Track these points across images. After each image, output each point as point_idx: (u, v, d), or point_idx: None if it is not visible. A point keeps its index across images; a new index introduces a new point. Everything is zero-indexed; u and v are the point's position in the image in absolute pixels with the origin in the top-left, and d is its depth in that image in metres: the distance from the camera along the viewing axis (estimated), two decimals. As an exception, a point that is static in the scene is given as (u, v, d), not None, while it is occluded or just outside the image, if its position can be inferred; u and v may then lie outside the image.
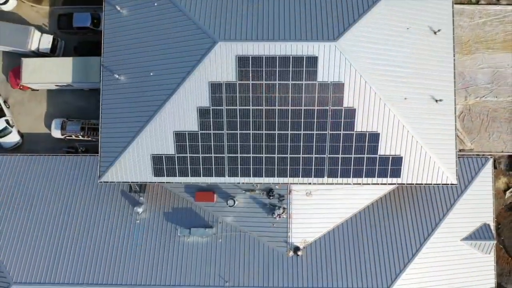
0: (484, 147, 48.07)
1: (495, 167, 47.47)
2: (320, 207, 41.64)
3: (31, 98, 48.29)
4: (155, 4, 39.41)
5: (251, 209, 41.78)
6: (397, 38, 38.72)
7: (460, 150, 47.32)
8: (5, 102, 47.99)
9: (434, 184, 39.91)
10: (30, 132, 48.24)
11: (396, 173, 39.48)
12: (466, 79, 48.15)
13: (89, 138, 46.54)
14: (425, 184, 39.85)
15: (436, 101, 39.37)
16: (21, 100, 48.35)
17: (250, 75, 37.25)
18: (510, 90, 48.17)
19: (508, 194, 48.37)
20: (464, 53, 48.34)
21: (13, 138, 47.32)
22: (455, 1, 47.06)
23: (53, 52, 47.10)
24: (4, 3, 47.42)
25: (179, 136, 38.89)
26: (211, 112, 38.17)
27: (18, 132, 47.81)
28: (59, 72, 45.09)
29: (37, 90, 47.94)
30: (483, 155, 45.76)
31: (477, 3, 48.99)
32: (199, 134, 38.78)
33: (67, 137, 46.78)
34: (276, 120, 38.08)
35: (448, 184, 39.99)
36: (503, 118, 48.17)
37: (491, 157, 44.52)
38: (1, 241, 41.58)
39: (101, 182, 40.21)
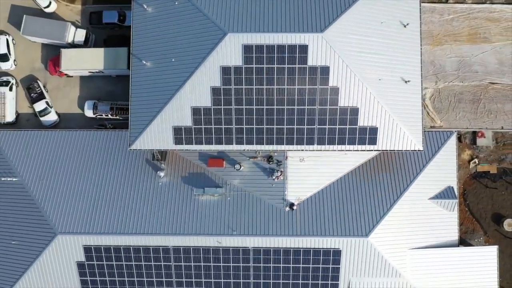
0: (452, 124, 55.09)
1: (461, 141, 54.76)
2: (311, 171, 48.58)
3: (66, 84, 55.76)
4: (176, 3, 46.79)
5: (254, 173, 48.68)
6: (374, 30, 46.07)
7: (431, 127, 54.85)
8: (44, 86, 55.56)
9: (404, 150, 47.19)
10: (65, 112, 55.57)
11: (373, 141, 46.91)
12: (436, 67, 55.26)
13: (117, 117, 53.96)
14: (396, 150, 47.19)
15: (406, 82, 46.68)
16: (57, 85, 55.88)
17: (254, 60, 44.76)
18: (473, 76, 55.30)
19: (472, 164, 55.23)
20: (435, 44, 55.44)
21: (52, 117, 54.90)
22: (428, 0, 54.64)
23: (85, 44, 54.37)
24: (47, 6, 54.96)
25: (195, 111, 46.34)
26: (221, 91, 45.74)
27: (56, 112, 55.21)
28: (93, 60, 52.47)
29: (72, 76, 55.37)
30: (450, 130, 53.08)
31: (446, 1, 55.85)
32: (212, 109, 46.26)
33: (98, 116, 54.08)
34: (275, 97, 45.51)
35: (416, 150, 47.35)
36: (467, 100, 55.36)
37: (455, 131, 51.45)
38: (46, 198, 48.63)
39: (131, 149, 47.91)
